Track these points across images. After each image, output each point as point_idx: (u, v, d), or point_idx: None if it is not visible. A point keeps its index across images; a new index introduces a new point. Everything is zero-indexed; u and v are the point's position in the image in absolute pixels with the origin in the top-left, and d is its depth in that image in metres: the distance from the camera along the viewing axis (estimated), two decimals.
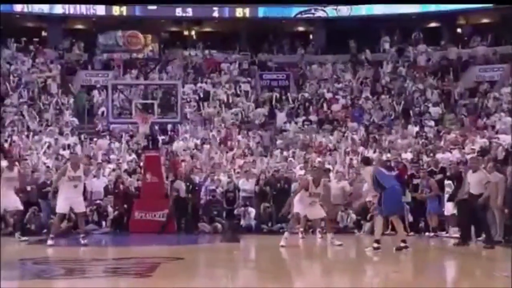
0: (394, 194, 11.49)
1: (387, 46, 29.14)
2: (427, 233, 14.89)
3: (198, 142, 20.91)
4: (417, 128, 21.48)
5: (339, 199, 16.41)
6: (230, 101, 24.91)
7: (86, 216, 14.69)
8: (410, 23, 29.42)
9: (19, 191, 14.23)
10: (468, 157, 16.38)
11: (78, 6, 29.64)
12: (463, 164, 15.40)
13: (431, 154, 17.83)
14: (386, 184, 11.42)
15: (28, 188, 15.51)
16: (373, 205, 15.10)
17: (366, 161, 12.90)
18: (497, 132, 19.69)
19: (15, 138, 20.00)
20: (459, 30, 30.72)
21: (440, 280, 8.79)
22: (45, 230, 14.50)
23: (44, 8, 29.44)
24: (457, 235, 13.28)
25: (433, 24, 30.77)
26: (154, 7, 29.95)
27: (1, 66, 25.22)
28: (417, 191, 15.15)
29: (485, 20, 29.75)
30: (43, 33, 30.99)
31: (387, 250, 11.40)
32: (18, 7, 29.29)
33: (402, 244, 11.32)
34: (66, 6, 29.56)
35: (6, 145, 19.23)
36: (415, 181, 15.31)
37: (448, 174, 15.08)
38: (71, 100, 24.35)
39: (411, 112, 23.28)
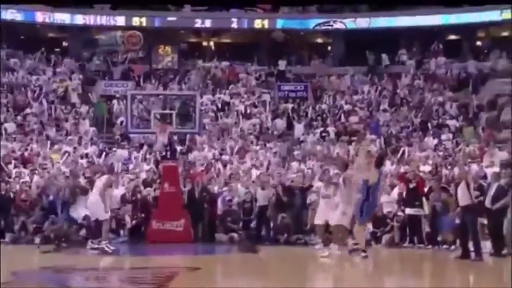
0: (372, 206, 12.52)
1: (405, 58, 29.06)
2: (444, 246, 14.73)
3: (216, 152, 20.93)
4: (435, 141, 21.35)
5: None
6: (248, 112, 24.96)
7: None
8: (429, 36, 29.32)
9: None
10: (487, 170, 16.26)
11: (98, 16, 29.99)
12: (481, 178, 15.30)
13: (449, 167, 17.70)
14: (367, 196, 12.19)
15: (50, 197, 15.61)
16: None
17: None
18: None
19: (34, 146, 20.17)
20: (479, 43, 30.56)
21: None
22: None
23: (65, 18, 29.79)
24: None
25: (452, 37, 30.66)
26: (173, 18, 30.18)
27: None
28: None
29: (505, 33, 29.56)
30: (64, 43, 31.36)
31: (406, 263, 11.36)
32: (39, 18, 29.65)
33: (355, 247, 12.58)
34: (87, 16, 29.91)
35: (26, 153, 19.39)
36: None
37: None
38: (91, 110, 24.53)
39: (429, 124, 23.16)
